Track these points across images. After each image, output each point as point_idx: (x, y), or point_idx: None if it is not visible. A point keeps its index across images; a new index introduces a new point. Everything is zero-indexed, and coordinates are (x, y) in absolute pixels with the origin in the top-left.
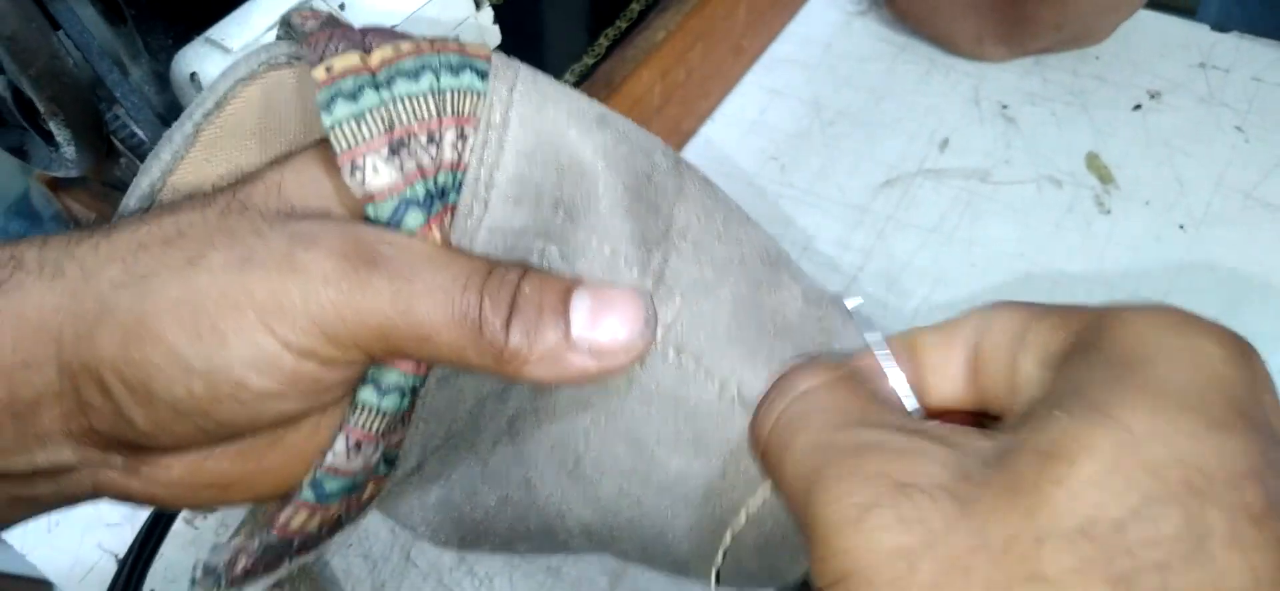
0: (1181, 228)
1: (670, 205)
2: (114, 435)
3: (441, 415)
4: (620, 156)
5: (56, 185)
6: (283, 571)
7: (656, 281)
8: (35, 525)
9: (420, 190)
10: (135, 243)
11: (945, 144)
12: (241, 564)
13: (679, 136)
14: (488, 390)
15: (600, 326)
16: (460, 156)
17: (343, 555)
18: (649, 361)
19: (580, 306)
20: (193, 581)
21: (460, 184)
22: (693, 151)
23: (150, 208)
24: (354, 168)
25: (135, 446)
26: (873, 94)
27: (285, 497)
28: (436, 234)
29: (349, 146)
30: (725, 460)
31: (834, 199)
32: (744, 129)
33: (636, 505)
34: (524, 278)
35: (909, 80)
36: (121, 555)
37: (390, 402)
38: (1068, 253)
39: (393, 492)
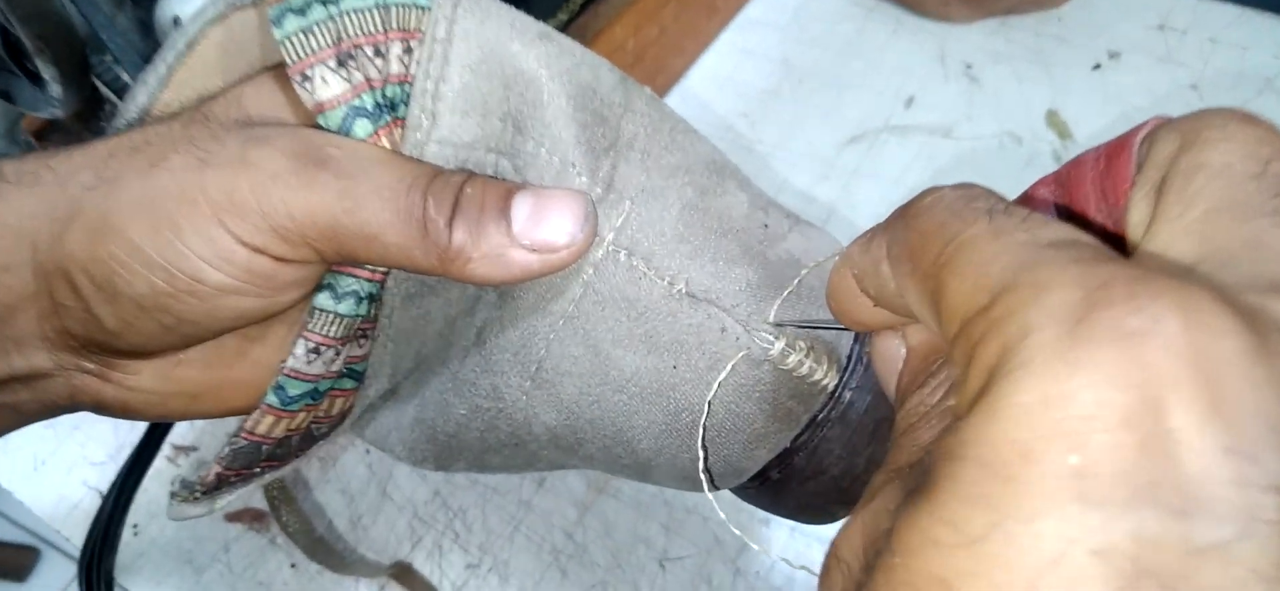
0: None
1: (617, 117)
2: (85, 336)
3: (409, 336)
4: (564, 68)
5: (42, 136)
6: (254, 483)
7: (606, 188)
8: (22, 464)
9: (368, 101)
10: (106, 151)
11: (911, 101)
12: (213, 472)
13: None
14: (457, 311)
15: (542, 224)
16: (407, 70)
17: (320, 489)
18: (602, 266)
19: (521, 205)
20: (172, 496)
21: (408, 97)
22: None
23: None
24: (304, 78)
25: (106, 348)
26: (841, 54)
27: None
28: (386, 144)
29: (299, 58)
30: (676, 354)
31: (802, 153)
32: (717, 86)
33: (596, 404)
34: (467, 180)
35: (877, 40)
36: (105, 490)
37: (346, 306)
38: None
39: (368, 416)
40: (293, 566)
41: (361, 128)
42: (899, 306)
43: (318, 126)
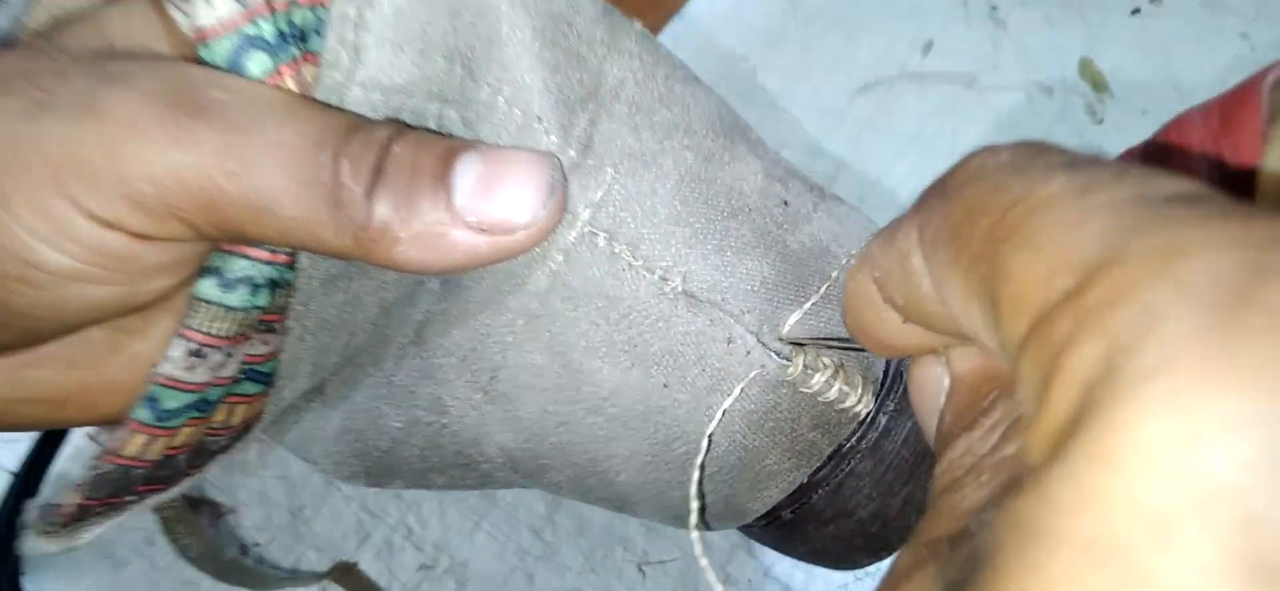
0: None
1: (599, 58)
2: None
3: (334, 326)
4: None
5: None
6: (130, 511)
7: (583, 150)
8: None
9: (267, 28)
10: None
11: (929, 47)
12: (72, 500)
13: None
14: (394, 296)
15: (494, 196)
16: None
17: (258, 476)
18: (574, 252)
19: (467, 170)
20: (25, 524)
21: (323, 25)
22: None
23: None
24: None
25: None
26: None
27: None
28: (290, 86)
29: None
30: (668, 370)
31: (807, 103)
32: (715, 24)
33: (564, 427)
34: (396, 135)
35: None
36: (15, 469)
37: (238, 297)
38: None
39: (287, 419)
40: (242, 548)
41: (257, 63)
42: (937, 316)
43: (198, 61)
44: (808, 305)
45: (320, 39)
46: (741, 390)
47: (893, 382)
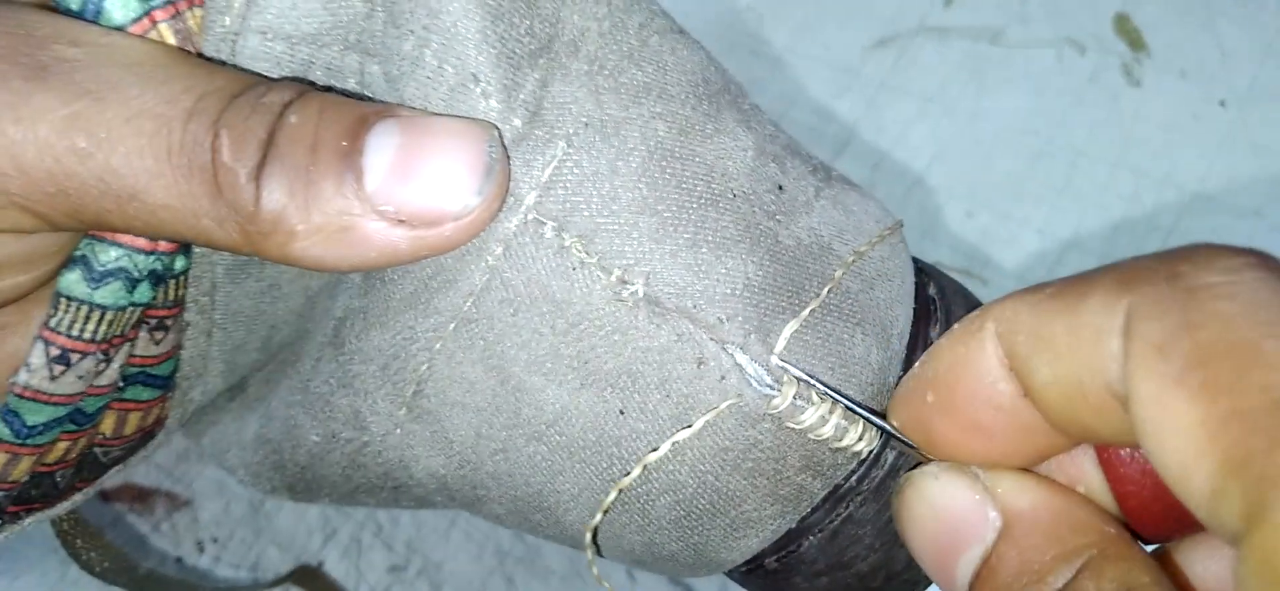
0: (1222, 104)
1: (558, 3)
2: None
3: (249, 318)
4: None
5: None
6: (13, 527)
7: (529, 118)
8: None
9: None
10: None
11: None
12: None
13: None
14: (319, 284)
15: (414, 177)
16: None
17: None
18: (516, 244)
19: (381, 145)
20: None
21: None
22: None
23: None
24: None
25: None
26: None
27: None
28: (165, 35)
29: None
30: (625, 393)
31: (818, 59)
32: None
33: (501, 454)
34: (294, 102)
35: None
36: None
37: (109, 295)
38: (1090, 129)
39: (203, 418)
40: (178, 559)
41: (121, 6)
42: (1092, 420)
43: (49, 6)
44: (802, 316)
45: None
46: (707, 422)
47: None
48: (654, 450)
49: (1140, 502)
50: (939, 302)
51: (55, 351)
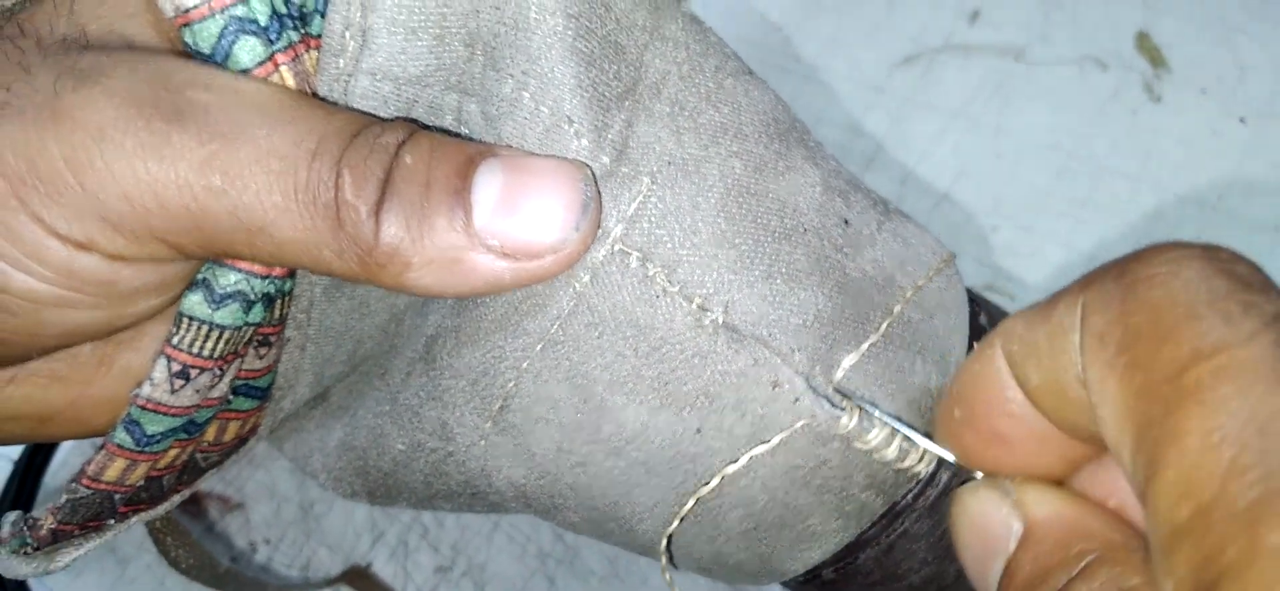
0: (1242, 121)
1: (640, 46)
2: None
3: (339, 334)
4: None
5: None
6: (112, 533)
7: (617, 157)
8: None
9: (260, 8)
10: None
11: (975, 16)
12: (46, 525)
13: None
14: (405, 303)
15: (518, 213)
16: None
17: (267, 466)
18: (602, 273)
19: (488, 184)
20: None
21: (327, 4)
22: None
23: None
24: None
25: None
26: None
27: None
28: (286, 78)
29: None
30: (702, 413)
31: (844, 76)
32: None
33: (581, 468)
34: (407, 142)
35: None
36: (16, 458)
37: (228, 314)
38: (1111, 145)
39: (286, 426)
40: (232, 560)
41: (248, 51)
42: (1070, 410)
43: (183, 51)
44: (866, 345)
45: (321, 20)
46: (782, 440)
47: None
48: (732, 463)
49: None
50: (990, 328)
51: (176, 367)
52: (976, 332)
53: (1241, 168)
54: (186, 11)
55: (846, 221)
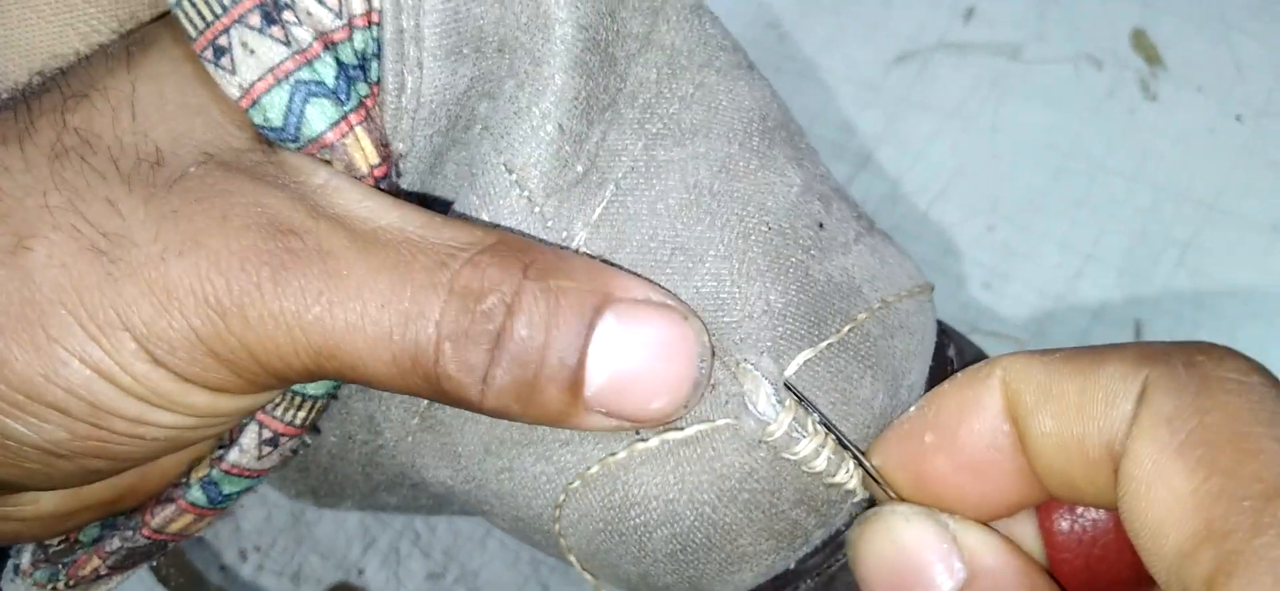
0: (1238, 119)
1: (628, 56)
2: None
3: None
4: None
5: None
6: (140, 566)
7: (589, 163)
8: None
9: (326, 68)
10: None
11: (970, 14)
12: (91, 566)
13: None
14: None
15: (630, 394)
16: (371, 1)
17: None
18: None
19: (602, 362)
20: (15, 569)
21: (381, 47)
22: None
23: None
24: (218, 52)
25: None
26: None
27: (160, 495)
28: (361, 137)
29: (206, 22)
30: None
31: (839, 74)
32: None
33: (506, 473)
34: (516, 306)
35: None
36: None
37: (320, 387)
38: (1107, 144)
39: None
40: (221, 569)
41: (320, 114)
42: (1072, 481)
43: (257, 136)
44: (822, 345)
45: (378, 65)
46: (700, 432)
47: None
48: (641, 442)
49: (1071, 569)
50: (956, 364)
51: (267, 434)
52: (942, 364)
53: (1238, 166)
54: (250, 88)
55: (821, 225)
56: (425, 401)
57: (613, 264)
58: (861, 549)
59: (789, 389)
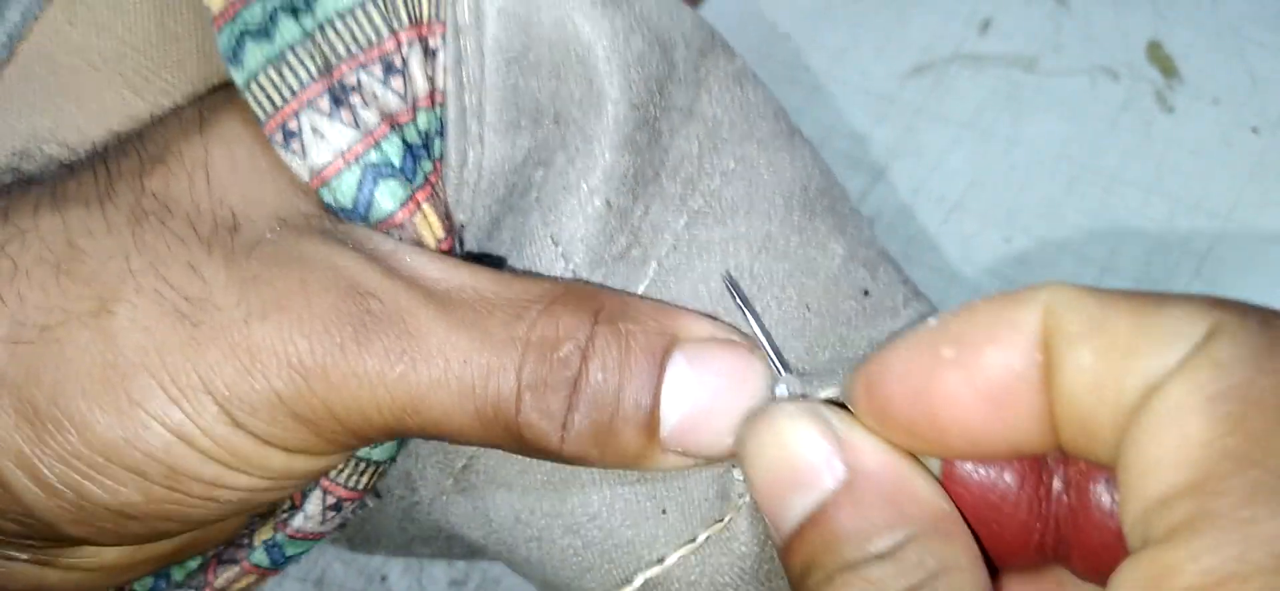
0: (1254, 131)
1: (671, 130)
2: (18, 533)
3: None
4: (634, 56)
5: None
6: None
7: (632, 238)
8: None
9: (392, 149)
10: (9, 264)
11: (986, 25)
12: None
13: None
14: None
15: (700, 432)
16: (434, 84)
17: None
18: None
19: (676, 402)
20: None
21: (444, 125)
22: None
23: (14, 189)
24: (288, 135)
25: (56, 543)
26: None
27: (221, 553)
28: (428, 214)
29: (274, 106)
30: (669, 494)
31: (855, 86)
32: (753, 1)
33: (536, 542)
34: (591, 347)
35: None
36: None
37: (383, 452)
38: (1123, 156)
39: None
40: None
41: (389, 195)
42: (1086, 421)
43: (325, 211)
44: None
45: (442, 142)
46: (725, 525)
47: None
48: (689, 544)
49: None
50: None
51: (331, 500)
52: None
53: (1254, 178)
54: (321, 170)
55: (867, 291)
56: (461, 464)
57: (674, 305)
58: (748, 447)
59: (731, 284)
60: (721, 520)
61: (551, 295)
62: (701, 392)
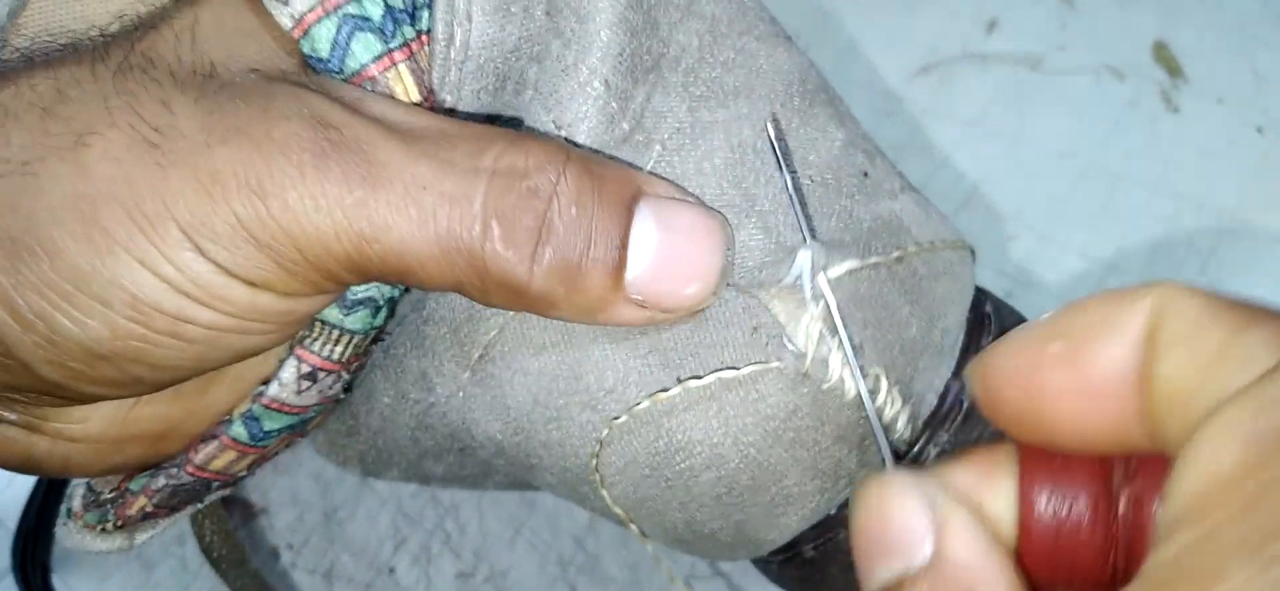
0: (1259, 130)
1: (672, 22)
2: (5, 383)
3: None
4: None
5: None
6: (189, 510)
7: (635, 124)
8: None
9: (374, 6)
10: (0, 111)
11: (993, 25)
12: (138, 506)
13: None
14: None
15: (666, 280)
16: None
17: (291, 472)
18: None
19: (643, 245)
20: (68, 516)
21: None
22: None
23: (8, 61)
24: None
25: (35, 393)
26: None
27: (205, 433)
28: (403, 74)
29: None
30: (683, 362)
31: (861, 85)
32: None
33: (555, 423)
34: (561, 182)
35: None
36: (15, 524)
37: (359, 321)
38: (1128, 155)
39: None
40: (255, 569)
41: (364, 47)
42: (1158, 429)
43: (304, 64)
44: (868, 262)
45: (430, 15)
46: (752, 373)
47: (949, 412)
48: (696, 378)
49: (1038, 546)
50: (993, 319)
51: (305, 369)
52: (980, 319)
53: (1259, 177)
54: (302, 19)
55: (866, 174)
56: (477, 354)
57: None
58: (856, 501)
59: (774, 125)
60: (736, 368)
61: (519, 134)
62: (665, 245)
